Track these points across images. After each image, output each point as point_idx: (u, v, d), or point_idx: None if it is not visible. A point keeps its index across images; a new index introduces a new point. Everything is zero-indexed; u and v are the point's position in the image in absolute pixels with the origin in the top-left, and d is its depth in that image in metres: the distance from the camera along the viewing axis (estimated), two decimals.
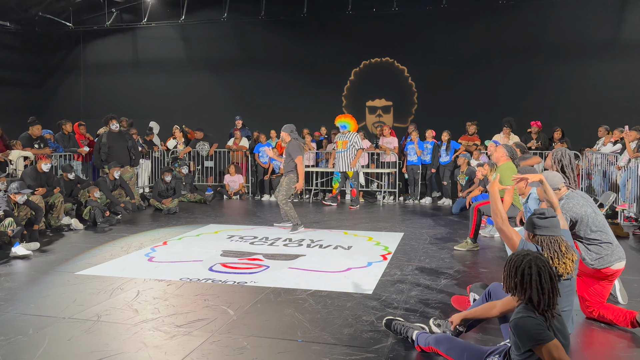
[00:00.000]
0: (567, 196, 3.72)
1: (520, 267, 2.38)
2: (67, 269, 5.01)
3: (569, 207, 3.62)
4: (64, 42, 14.97)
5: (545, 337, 2.27)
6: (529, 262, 2.37)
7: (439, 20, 12.14)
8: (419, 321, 3.50)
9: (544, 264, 2.38)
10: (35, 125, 8.57)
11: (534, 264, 2.36)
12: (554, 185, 3.72)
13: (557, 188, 3.72)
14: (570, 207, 3.62)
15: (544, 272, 2.35)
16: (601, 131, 9.37)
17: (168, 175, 9.28)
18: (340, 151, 9.51)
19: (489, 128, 10.21)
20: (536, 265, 2.36)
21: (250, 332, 3.37)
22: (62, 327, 3.49)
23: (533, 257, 2.39)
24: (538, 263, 2.36)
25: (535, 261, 2.37)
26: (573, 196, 3.71)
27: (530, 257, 2.39)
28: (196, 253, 5.66)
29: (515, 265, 2.41)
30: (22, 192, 6.14)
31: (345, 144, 9.43)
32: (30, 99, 14.97)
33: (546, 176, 3.70)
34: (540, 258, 2.40)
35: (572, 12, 11.45)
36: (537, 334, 2.28)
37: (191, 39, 14.11)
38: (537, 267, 2.35)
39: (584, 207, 3.62)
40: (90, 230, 7.11)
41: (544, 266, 2.36)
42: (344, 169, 9.53)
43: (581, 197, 3.71)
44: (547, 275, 2.35)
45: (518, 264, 2.40)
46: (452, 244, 6.09)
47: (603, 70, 11.34)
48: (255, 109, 13.19)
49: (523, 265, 2.38)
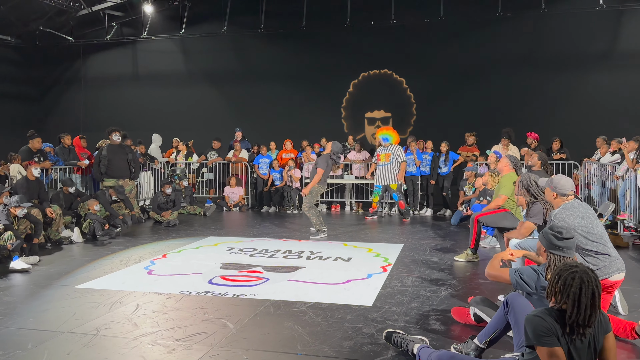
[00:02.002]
0: (565, 205, 3.73)
1: (563, 275, 2.35)
2: (66, 283, 4.99)
3: (562, 217, 3.63)
4: (64, 56, 15.06)
5: (547, 342, 2.28)
6: (573, 274, 2.32)
7: (436, 32, 12.23)
8: (419, 333, 3.49)
9: (590, 278, 2.31)
10: (36, 138, 8.58)
11: (579, 276, 2.31)
12: (563, 191, 3.76)
13: (564, 194, 3.75)
14: (563, 217, 3.63)
15: (587, 287, 2.29)
16: (599, 141, 9.40)
17: (168, 187, 9.29)
18: (382, 164, 9.38)
19: (488, 139, 10.25)
20: (580, 278, 2.30)
21: (249, 346, 3.36)
22: (61, 341, 3.47)
23: (580, 270, 2.34)
24: (583, 277, 2.31)
25: (581, 274, 2.32)
26: (571, 206, 3.71)
27: (577, 269, 2.34)
28: (196, 266, 5.65)
29: (560, 273, 2.37)
30: (22, 206, 6.15)
31: (388, 157, 9.32)
32: (31, 112, 15.03)
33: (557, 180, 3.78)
34: (587, 272, 2.33)
35: (568, 24, 11.54)
36: (540, 335, 2.30)
37: (191, 52, 14.20)
38: (581, 280, 2.30)
39: (578, 219, 3.61)
40: (89, 244, 7.10)
41: (588, 281, 2.30)
42: (386, 182, 9.37)
43: (580, 208, 3.71)
44: (590, 291, 2.29)
45: (563, 272, 2.36)
46: (452, 255, 6.08)
47: (600, 80, 11.40)
48: (255, 121, 13.24)
49: (567, 275, 2.34)
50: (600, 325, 2.41)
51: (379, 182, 9.47)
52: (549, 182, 3.89)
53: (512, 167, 5.83)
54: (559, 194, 3.79)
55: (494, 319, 3.04)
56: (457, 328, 3.68)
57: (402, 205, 9.39)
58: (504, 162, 5.89)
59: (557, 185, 3.80)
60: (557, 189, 3.79)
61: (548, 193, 3.87)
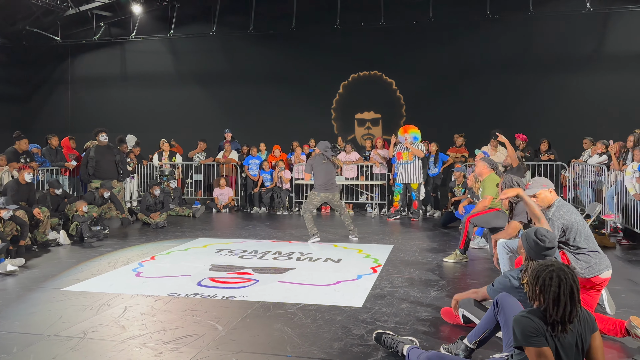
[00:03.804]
0: (559, 204, 3.76)
1: (541, 276, 2.36)
2: (53, 285, 4.93)
3: (561, 215, 3.65)
4: (51, 56, 14.91)
5: (535, 342, 2.30)
6: (550, 273, 2.35)
7: (426, 34, 12.29)
8: (409, 334, 3.49)
9: (567, 275, 2.34)
10: (22, 139, 8.48)
11: (556, 275, 2.33)
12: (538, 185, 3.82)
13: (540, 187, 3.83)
14: (562, 214, 3.66)
15: (565, 284, 2.32)
16: (586, 143, 9.50)
17: (157, 189, 9.22)
18: (404, 163, 9.27)
19: (477, 140, 10.31)
20: (557, 276, 2.33)
21: (239, 348, 3.34)
22: (48, 344, 3.43)
23: (556, 268, 2.36)
24: (560, 274, 2.33)
25: (558, 272, 2.34)
26: (564, 204, 3.77)
27: (554, 268, 2.36)
28: (184, 268, 5.61)
29: (538, 274, 2.39)
30: (7, 208, 6.07)
31: (411, 156, 9.20)
32: (17, 113, 14.85)
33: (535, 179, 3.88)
34: (563, 269, 2.36)
35: (556, 26, 11.66)
36: (528, 336, 2.31)
37: (180, 53, 14.12)
38: (559, 278, 2.32)
39: (574, 215, 3.67)
40: (77, 246, 7.02)
41: (565, 278, 2.33)
42: (408, 181, 9.31)
43: (570, 206, 3.78)
44: (568, 287, 2.32)
45: (540, 273, 2.38)
46: (441, 256, 6.10)
47: (588, 82, 11.52)
48: (245, 122, 13.20)
49: (544, 275, 2.36)
50: (587, 324, 2.43)
51: (400, 180, 9.42)
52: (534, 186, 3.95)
53: (490, 168, 5.93)
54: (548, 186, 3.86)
55: (483, 320, 3.05)
56: (447, 329, 3.69)
57: (416, 205, 9.41)
58: (480, 166, 5.98)
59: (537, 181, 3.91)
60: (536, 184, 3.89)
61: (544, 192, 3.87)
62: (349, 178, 10.68)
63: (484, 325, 3.01)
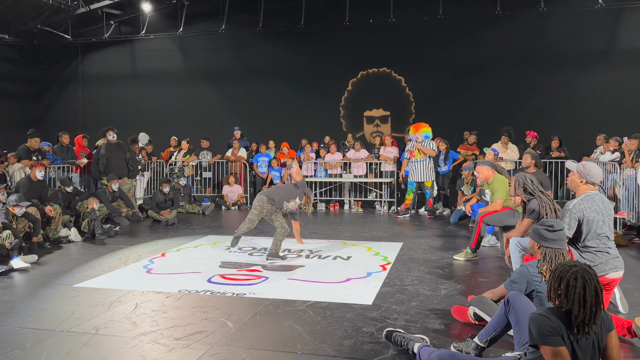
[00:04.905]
0: (584, 197, 3.68)
1: (565, 277, 2.32)
2: (65, 282, 4.98)
3: (581, 208, 3.58)
4: (62, 54, 15.02)
5: (551, 341, 2.27)
6: (575, 274, 2.31)
7: (435, 31, 12.22)
8: (419, 332, 3.48)
9: (591, 276, 2.30)
10: (34, 137, 8.57)
11: (580, 275, 2.29)
12: (593, 180, 3.73)
13: (593, 183, 3.73)
14: (582, 208, 3.59)
15: (589, 286, 2.28)
16: (599, 139, 9.39)
17: (166, 186, 9.27)
18: (416, 161, 9.29)
19: (487, 137, 10.26)
20: (582, 277, 2.29)
21: (249, 345, 3.35)
22: (60, 340, 3.46)
23: (580, 269, 2.32)
24: (584, 275, 2.30)
25: (582, 273, 2.30)
26: (591, 199, 3.66)
27: (577, 269, 2.32)
28: (195, 264, 5.63)
29: (561, 275, 2.35)
30: (20, 205, 6.13)
31: (423, 154, 9.24)
32: (29, 111, 14.98)
33: (590, 168, 3.73)
34: (587, 270, 2.32)
35: (567, 22, 11.54)
36: (544, 334, 2.29)
37: (189, 50, 14.17)
38: (583, 280, 2.28)
39: (594, 213, 3.60)
40: (88, 242, 7.08)
41: (590, 279, 2.29)
42: (421, 179, 9.31)
43: (599, 203, 3.66)
44: (593, 288, 2.28)
45: (564, 274, 2.34)
46: (451, 254, 6.07)
47: (599, 78, 11.40)
48: (254, 119, 13.22)
49: (569, 276, 2.31)
50: (603, 323, 2.40)
51: (413, 178, 9.41)
52: (581, 166, 3.80)
53: (493, 169, 5.90)
54: (588, 182, 3.74)
55: (494, 318, 3.04)
56: (458, 327, 3.68)
57: (431, 203, 9.42)
58: (483, 170, 5.91)
59: (589, 173, 3.74)
60: (588, 177, 3.74)
61: (575, 178, 3.79)
62: (357, 176, 10.67)
63: (495, 324, 3.00)
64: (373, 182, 10.60)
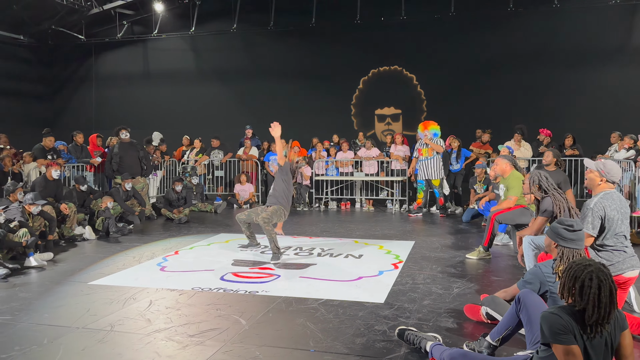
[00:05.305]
0: (604, 195, 3.65)
1: (580, 277, 2.30)
2: (80, 279, 5.04)
3: (602, 207, 3.55)
4: (76, 54, 15.21)
5: (563, 340, 2.26)
6: (590, 274, 2.28)
7: (447, 28, 12.16)
8: (431, 331, 3.47)
9: (606, 276, 2.28)
10: (49, 137, 8.68)
11: (595, 275, 2.27)
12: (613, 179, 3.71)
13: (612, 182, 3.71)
14: (603, 206, 3.56)
15: (604, 285, 2.26)
16: (614, 137, 9.29)
17: (179, 185, 9.34)
18: (424, 159, 9.26)
19: (499, 135, 10.19)
20: (597, 277, 2.27)
21: (262, 342, 3.37)
22: (76, 337, 3.51)
23: (595, 268, 2.30)
24: (599, 275, 2.28)
25: (597, 273, 2.28)
26: (610, 197, 3.64)
27: (592, 268, 2.30)
28: (207, 262, 5.67)
29: (575, 274, 2.32)
30: (36, 203, 6.22)
31: (431, 152, 9.20)
32: (43, 111, 15.19)
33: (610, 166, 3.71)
34: (602, 270, 2.30)
35: (581, 18, 11.42)
36: (556, 333, 2.28)
37: (201, 50, 14.26)
38: (598, 280, 2.26)
39: (614, 212, 3.57)
40: (102, 241, 7.16)
41: (605, 279, 2.27)
42: (429, 177, 9.28)
43: (617, 201, 3.64)
44: (607, 288, 2.26)
45: (578, 273, 2.31)
46: (463, 252, 6.05)
47: (614, 75, 11.28)
48: (265, 118, 13.18)
49: (584, 275, 2.29)
50: (617, 322, 2.38)
51: (422, 177, 9.38)
52: (601, 165, 3.76)
53: (512, 165, 5.86)
54: (608, 180, 3.72)
55: (505, 317, 3.03)
56: (470, 326, 3.67)
57: (442, 201, 9.37)
58: (502, 163, 5.88)
59: (609, 172, 3.71)
60: (608, 175, 3.71)
61: (594, 176, 3.76)
62: (369, 174, 10.66)
63: (506, 322, 3.00)
64: (384, 180, 10.58)
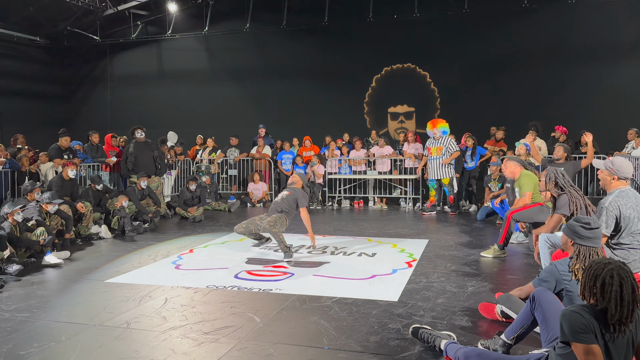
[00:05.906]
0: (619, 194, 3.60)
1: (601, 275, 2.27)
2: (96, 277, 5.11)
3: (617, 205, 3.51)
4: (91, 55, 15.38)
5: (583, 339, 2.24)
6: (610, 272, 2.25)
7: (460, 25, 12.08)
8: (446, 329, 3.46)
9: (627, 274, 2.25)
10: (65, 137, 8.79)
11: (616, 273, 2.24)
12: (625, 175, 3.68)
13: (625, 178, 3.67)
14: (619, 205, 3.51)
15: (626, 283, 2.23)
16: (631, 134, 9.16)
17: (193, 184, 9.41)
18: (434, 158, 9.23)
19: (513, 132, 10.09)
20: (618, 275, 2.24)
21: (276, 340, 3.39)
22: (93, 334, 3.56)
23: (615, 266, 2.27)
24: (620, 273, 2.24)
25: (618, 271, 2.25)
26: (625, 195, 3.59)
27: (613, 266, 2.27)
28: (222, 261, 5.71)
29: (596, 273, 2.29)
30: (53, 202, 6.31)
31: (440, 150, 9.14)
32: (59, 111, 15.39)
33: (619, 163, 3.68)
34: (622, 267, 2.27)
35: (595, 14, 11.27)
36: (577, 332, 2.25)
37: (214, 49, 14.33)
38: (620, 277, 2.23)
39: (630, 209, 3.52)
40: (118, 239, 7.24)
41: (626, 276, 2.24)
42: (438, 176, 9.25)
43: (633, 198, 3.59)
44: (630, 286, 2.23)
45: (599, 272, 2.28)
46: (478, 251, 6.01)
47: (630, 72, 11.11)
48: (278, 117, 13.30)
49: (604, 274, 2.26)
50: (638, 320, 2.35)
51: (432, 176, 9.34)
52: (609, 163, 3.72)
53: (520, 165, 5.81)
54: (620, 177, 3.68)
55: (520, 315, 3.01)
56: (485, 324, 3.65)
57: (452, 199, 9.33)
58: (511, 166, 5.84)
59: (619, 169, 3.68)
60: (619, 172, 3.68)
61: (605, 176, 3.74)
62: (382, 172, 10.63)
63: (521, 321, 2.97)
64: (397, 178, 10.55)
